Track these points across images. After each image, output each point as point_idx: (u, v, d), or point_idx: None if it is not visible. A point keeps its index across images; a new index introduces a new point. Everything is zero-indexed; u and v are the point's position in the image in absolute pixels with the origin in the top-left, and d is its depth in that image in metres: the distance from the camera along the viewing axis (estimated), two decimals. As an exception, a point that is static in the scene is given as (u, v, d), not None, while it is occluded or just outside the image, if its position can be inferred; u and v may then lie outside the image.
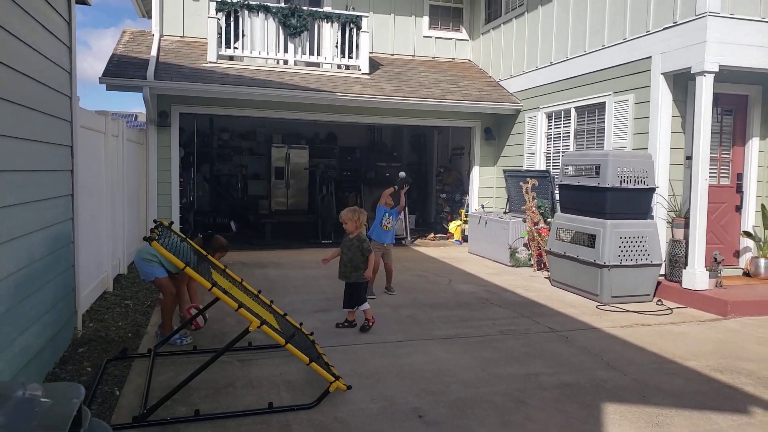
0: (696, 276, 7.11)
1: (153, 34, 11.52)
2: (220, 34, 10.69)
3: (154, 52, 10.43)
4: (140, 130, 10.25)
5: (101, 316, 6.01)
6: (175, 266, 4.35)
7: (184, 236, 5.30)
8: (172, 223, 5.06)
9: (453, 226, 12.95)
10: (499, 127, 12.19)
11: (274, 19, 10.99)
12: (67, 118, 5.14)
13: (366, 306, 5.85)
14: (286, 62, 11.32)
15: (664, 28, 7.64)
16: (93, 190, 6.51)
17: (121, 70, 9.65)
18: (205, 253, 5.04)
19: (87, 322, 5.76)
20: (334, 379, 4.08)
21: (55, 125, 4.76)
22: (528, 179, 9.68)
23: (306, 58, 11.29)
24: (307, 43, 11.33)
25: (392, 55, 13.06)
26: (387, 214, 7.46)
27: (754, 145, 8.22)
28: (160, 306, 5.42)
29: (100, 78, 9.26)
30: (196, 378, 3.82)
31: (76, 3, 5.50)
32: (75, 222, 5.35)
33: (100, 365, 4.55)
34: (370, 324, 5.82)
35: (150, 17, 12.33)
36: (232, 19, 10.69)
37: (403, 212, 7.97)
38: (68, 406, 1.77)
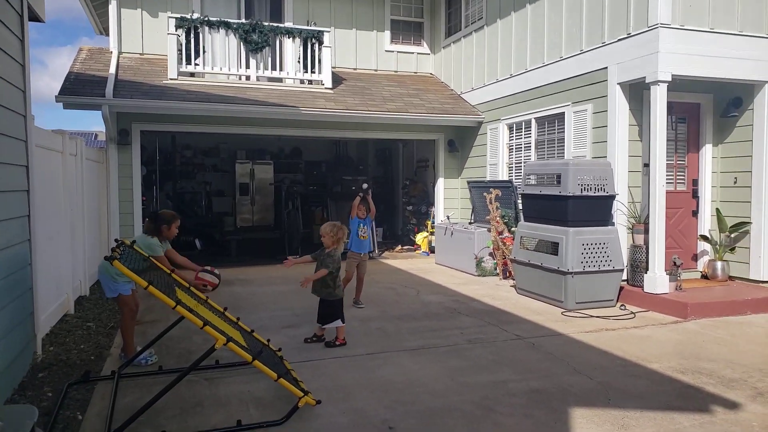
0: (657, 280, 7.28)
1: (111, 52, 11.35)
2: (180, 50, 10.60)
3: (112, 69, 10.28)
4: (100, 149, 10.07)
5: (62, 340, 5.84)
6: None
7: (147, 255, 5.21)
8: (134, 242, 4.97)
9: (420, 238, 13.02)
10: (462, 139, 12.35)
11: (235, 35, 10.95)
12: (21, 137, 5.02)
13: (339, 323, 5.75)
14: (248, 78, 11.27)
15: (619, 40, 7.88)
16: (51, 210, 6.35)
17: (79, 88, 9.48)
18: (168, 271, 4.95)
19: (47, 346, 5.59)
20: (303, 394, 4.05)
21: (8, 145, 4.65)
22: (492, 189, 9.81)
23: (268, 73, 11.27)
24: (269, 59, 11.32)
25: (355, 69, 13.13)
26: (361, 224, 7.52)
27: (707, 151, 8.49)
28: (120, 326, 5.31)
29: (56, 96, 9.08)
30: (162, 398, 3.74)
31: (30, 20, 5.40)
32: (32, 244, 5.21)
33: (61, 390, 4.42)
34: (337, 343, 5.71)
35: (108, 34, 12.16)
36: (192, 35, 10.61)
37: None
38: (21, 427, 1.73)
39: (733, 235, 8.11)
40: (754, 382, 4.72)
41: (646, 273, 7.46)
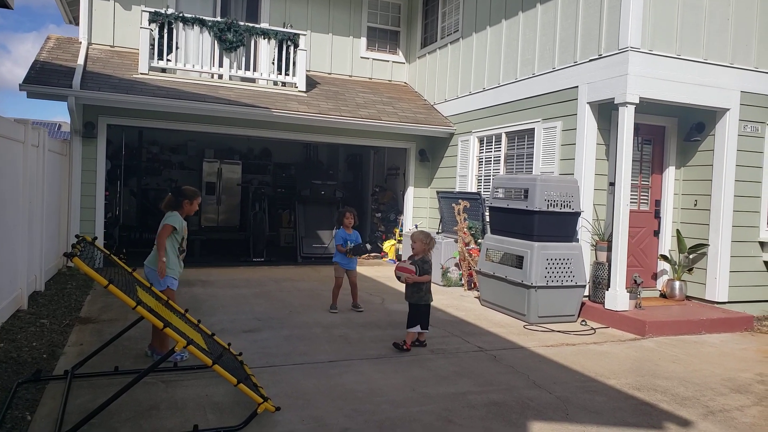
0: (617, 297, 7.42)
1: (80, 42, 11.11)
2: (152, 45, 10.44)
3: (81, 60, 10.05)
4: (64, 141, 9.82)
5: (13, 336, 5.64)
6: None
7: (108, 252, 5.10)
8: (95, 238, 4.85)
9: (387, 245, 13.02)
10: (433, 150, 12.42)
11: (209, 33, 10.84)
12: (-18, 125, 4.86)
13: (418, 329, 5.90)
14: (220, 77, 11.16)
15: (590, 60, 8.04)
16: (8, 202, 6.15)
17: (45, 78, 9.24)
18: (129, 270, 4.84)
19: (-3, 342, 5.41)
20: (262, 400, 3.99)
21: (-32, 132, 4.49)
22: (460, 201, 9.88)
23: (241, 73, 11.18)
24: (243, 59, 11.23)
25: (329, 74, 13.12)
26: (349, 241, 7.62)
27: (670, 173, 8.71)
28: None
29: (20, 85, 8.84)
30: (116, 400, 3.63)
31: (-2, 6, 5.25)
32: (-13, 235, 5.04)
33: (10, 388, 4.26)
34: (404, 348, 5.82)
35: (77, 24, 11.90)
36: (165, 30, 10.47)
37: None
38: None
39: (691, 256, 8.32)
40: (706, 400, 4.83)
41: (607, 290, 7.59)
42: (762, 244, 8.33)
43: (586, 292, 7.88)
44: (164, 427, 3.83)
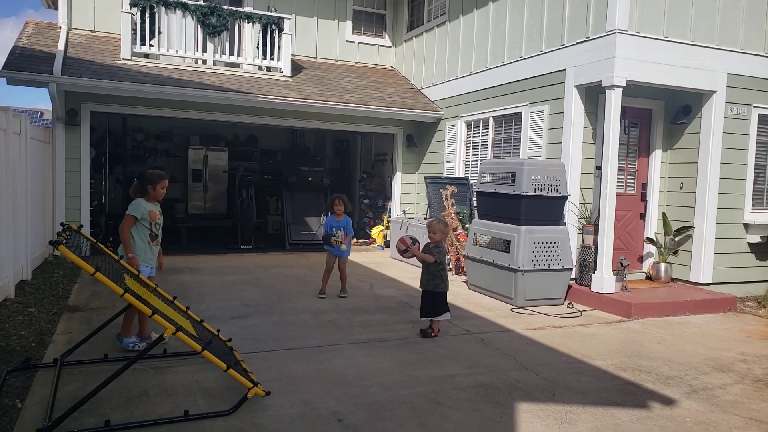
0: (604, 280, 7.49)
1: (60, 27, 10.94)
2: (134, 30, 10.30)
3: (61, 45, 9.90)
4: (46, 128, 9.68)
5: (1, 325, 5.60)
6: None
7: (94, 240, 5.07)
8: (81, 226, 4.81)
9: (375, 232, 13.04)
10: (420, 135, 12.40)
11: (192, 17, 10.70)
12: (-37, 112, 4.78)
13: (444, 317, 5.89)
14: (204, 62, 11.04)
15: (578, 43, 8.04)
16: (-8, 190, 6.08)
17: (25, 64, 9.10)
18: (116, 258, 4.81)
19: (-17, 331, 5.37)
20: (252, 385, 4.01)
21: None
22: (448, 186, 9.89)
23: (225, 58, 11.07)
24: (227, 43, 11.12)
25: (315, 58, 13.02)
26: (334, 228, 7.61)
27: (657, 156, 8.77)
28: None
29: (0, 71, 8.69)
30: (107, 387, 3.64)
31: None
32: (-29, 224, 4.98)
33: (-2, 377, 4.26)
34: (432, 334, 5.84)
35: (56, 8, 11.69)
36: (147, 15, 10.33)
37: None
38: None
39: (676, 239, 8.40)
40: (689, 379, 4.92)
41: (593, 273, 7.66)
42: (746, 225, 8.43)
43: (573, 275, 7.95)
44: (155, 412, 3.83)
